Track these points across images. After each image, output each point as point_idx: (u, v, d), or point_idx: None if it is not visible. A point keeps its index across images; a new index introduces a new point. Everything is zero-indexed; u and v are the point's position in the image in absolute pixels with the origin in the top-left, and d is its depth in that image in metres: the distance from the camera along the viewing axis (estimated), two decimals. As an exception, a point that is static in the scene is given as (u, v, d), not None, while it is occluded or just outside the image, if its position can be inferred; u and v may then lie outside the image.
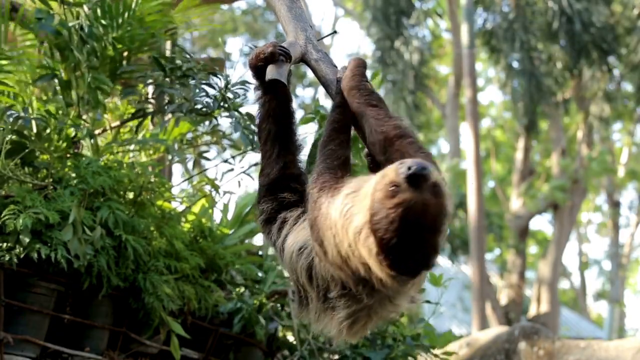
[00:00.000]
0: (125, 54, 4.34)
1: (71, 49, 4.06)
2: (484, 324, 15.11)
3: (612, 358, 6.17)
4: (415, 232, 1.88)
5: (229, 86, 4.24)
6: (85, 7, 4.16)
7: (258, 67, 2.48)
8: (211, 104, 4.28)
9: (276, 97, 2.51)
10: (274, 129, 2.51)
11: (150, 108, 4.49)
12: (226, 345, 4.80)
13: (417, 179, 1.87)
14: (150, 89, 4.54)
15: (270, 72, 2.45)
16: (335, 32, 4.09)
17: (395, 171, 1.90)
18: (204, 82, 4.28)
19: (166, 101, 4.39)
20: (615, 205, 24.28)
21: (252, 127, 4.24)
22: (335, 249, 2.04)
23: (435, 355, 4.50)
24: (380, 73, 3.82)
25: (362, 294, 2.09)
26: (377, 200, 1.90)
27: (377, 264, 1.94)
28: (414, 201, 1.86)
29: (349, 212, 1.99)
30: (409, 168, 1.87)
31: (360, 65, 2.39)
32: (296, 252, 2.32)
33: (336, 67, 2.56)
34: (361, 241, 1.95)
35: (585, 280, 29.99)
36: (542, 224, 31.05)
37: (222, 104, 4.26)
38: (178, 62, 4.29)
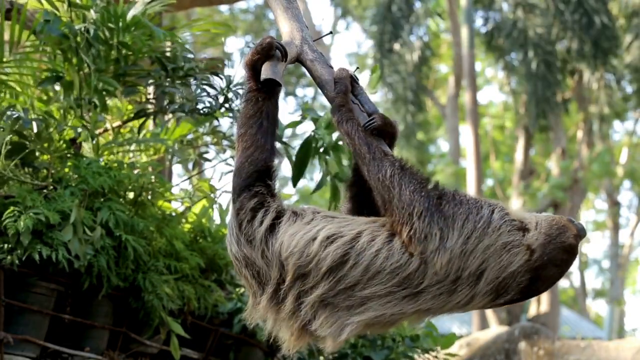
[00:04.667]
0: (130, 56, 4.33)
1: (77, 52, 4.05)
2: (484, 324, 15.14)
3: (612, 358, 6.18)
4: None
5: (231, 86, 4.24)
6: (92, 11, 4.15)
7: (254, 61, 2.45)
8: (213, 104, 4.27)
9: (270, 98, 2.47)
10: (266, 125, 2.46)
11: (151, 108, 4.48)
12: (226, 345, 4.80)
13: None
14: (151, 89, 4.53)
15: (266, 71, 2.43)
16: (331, 32, 4.11)
17: (575, 226, 2.29)
18: (205, 82, 4.28)
19: (167, 101, 4.38)
20: (615, 205, 24.30)
21: None
22: (464, 238, 2.19)
23: (436, 357, 4.50)
24: (377, 71, 3.83)
25: (424, 283, 2.21)
26: (568, 244, 2.25)
27: (500, 279, 2.19)
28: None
29: (512, 223, 2.24)
30: (583, 226, 2.30)
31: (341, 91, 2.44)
32: (322, 239, 2.26)
33: (332, 67, 2.55)
34: (509, 255, 2.20)
35: (585, 280, 30.02)
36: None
37: (223, 103, 4.25)
38: (180, 62, 4.28)
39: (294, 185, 3.70)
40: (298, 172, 3.64)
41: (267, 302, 2.34)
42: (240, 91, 4.25)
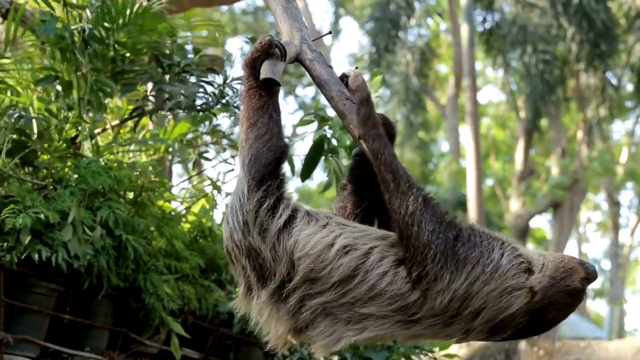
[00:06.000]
0: (127, 55, 4.34)
1: (73, 51, 4.05)
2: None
3: (612, 358, 6.18)
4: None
5: (227, 82, 4.24)
6: (88, 11, 4.16)
7: (254, 59, 2.43)
8: (210, 101, 4.27)
9: (272, 96, 2.44)
10: (275, 116, 2.41)
11: (150, 106, 4.48)
12: (226, 345, 4.80)
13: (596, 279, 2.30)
14: (149, 87, 4.53)
15: (265, 70, 2.42)
16: (330, 32, 4.10)
17: (584, 268, 2.25)
18: (202, 79, 4.28)
19: (165, 98, 4.38)
20: (615, 205, 24.30)
21: None
22: (470, 282, 2.19)
23: (434, 358, 4.51)
24: (380, 74, 3.82)
25: (419, 313, 2.22)
26: (572, 288, 2.22)
27: (497, 320, 2.19)
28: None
29: (520, 265, 2.23)
30: (595, 270, 2.27)
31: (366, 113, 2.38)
32: (338, 247, 2.24)
33: (331, 67, 2.54)
34: (510, 297, 2.18)
35: (585, 280, 29.92)
36: (541, 223, 31.02)
37: (220, 100, 4.25)
38: (176, 58, 4.29)
39: (303, 180, 3.70)
40: (308, 169, 3.64)
41: (268, 298, 2.29)
42: (237, 87, 4.24)
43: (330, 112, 3.77)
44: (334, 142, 3.74)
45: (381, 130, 2.32)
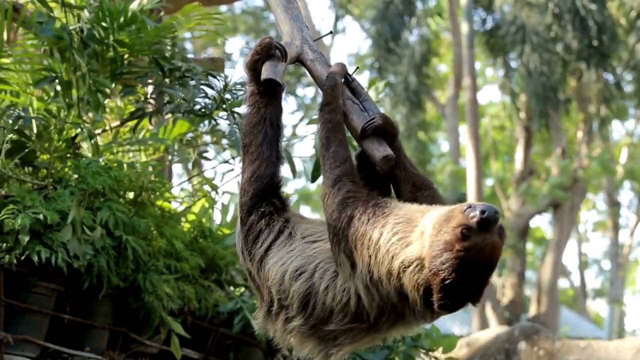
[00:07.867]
0: (127, 55, 4.33)
1: (72, 52, 4.05)
2: (484, 324, 15.14)
3: (612, 358, 6.18)
4: (479, 273, 1.97)
5: (228, 87, 4.24)
6: (86, 11, 4.15)
7: (254, 61, 2.45)
8: (209, 105, 4.28)
9: (272, 102, 2.46)
10: (271, 133, 2.44)
11: (150, 108, 4.49)
12: (226, 345, 4.80)
13: (488, 223, 1.94)
14: (150, 89, 4.53)
15: (266, 71, 2.42)
16: (331, 32, 4.12)
17: (464, 214, 1.95)
18: (202, 82, 4.28)
19: (165, 101, 4.38)
20: (614, 205, 24.30)
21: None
22: (366, 267, 2.10)
23: (436, 358, 4.50)
24: (378, 81, 3.86)
25: (371, 316, 2.15)
26: (443, 242, 1.95)
27: (420, 299, 2.01)
28: (484, 244, 1.94)
29: (398, 242, 2.05)
30: (483, 212, 1.93)
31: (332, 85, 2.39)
32: (290, 273, 2.26)
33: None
34: (407, 274, 2.02)
35: (585, 280, 30.02)
36: (542, 223, 31.03)
37: (220, 104, 4.25)
38: (177, 62, 4.28)
39: (312, 181, 3.76)
40: (317, 168, 3.70)
41: (263, 318, 2.42)
42: (239, 92, 4.24)
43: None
44: None
45: (333, 116, 2.34)
